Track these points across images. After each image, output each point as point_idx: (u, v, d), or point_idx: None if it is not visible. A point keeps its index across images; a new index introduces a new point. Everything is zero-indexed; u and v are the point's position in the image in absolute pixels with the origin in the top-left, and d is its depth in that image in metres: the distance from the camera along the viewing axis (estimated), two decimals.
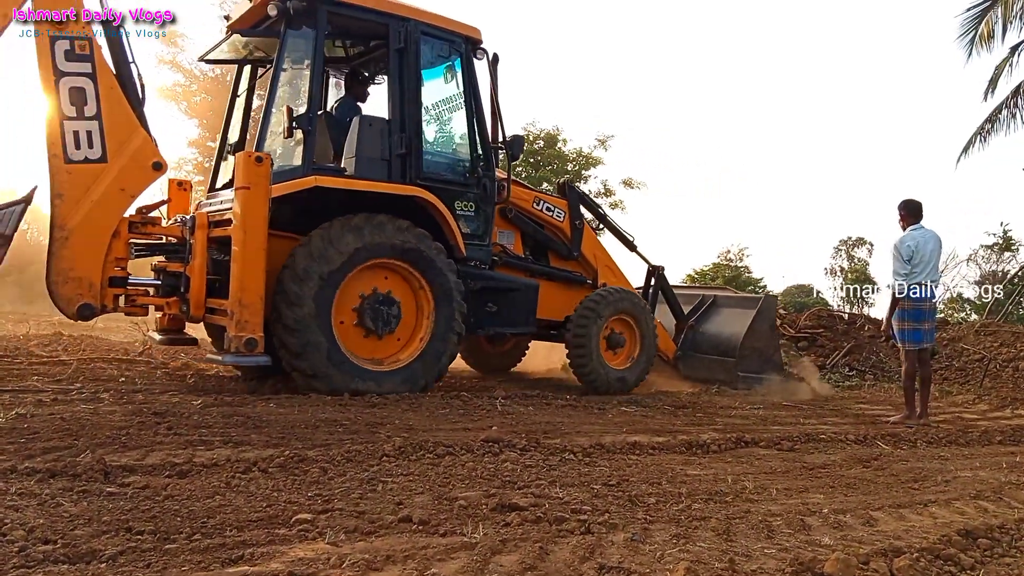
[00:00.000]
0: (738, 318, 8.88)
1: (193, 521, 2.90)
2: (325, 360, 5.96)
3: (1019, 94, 16.63)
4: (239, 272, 5.55)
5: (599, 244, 8.65)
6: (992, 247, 17.15)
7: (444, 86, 7.14)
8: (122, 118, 5.64)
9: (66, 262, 5.47)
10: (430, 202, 6.57)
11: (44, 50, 5.39)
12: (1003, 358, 10.24)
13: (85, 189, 5.51)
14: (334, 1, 6.28)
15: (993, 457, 5.46)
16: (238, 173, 5.59)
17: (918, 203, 7.19)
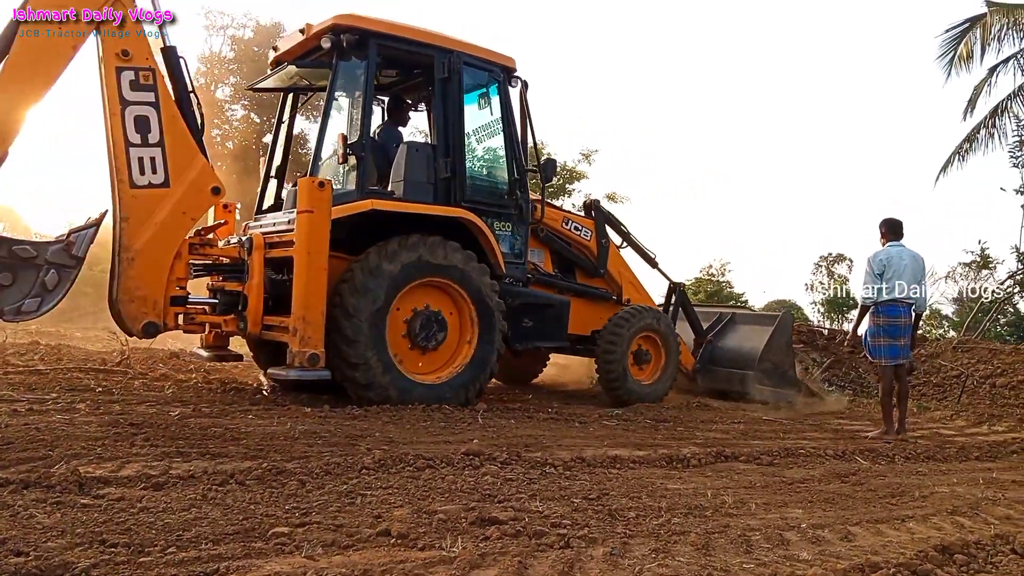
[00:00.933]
0: (756, 334, 9.21)
1: (168, 534, 2.87)
2: (380, 372, 6.20)
3: (997, 114, 16.87)
4: (303, 291, 5.83)
5: (623, 261, 8.94)
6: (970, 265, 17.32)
7: (482, 112, 7.45)
8: (183, 145, 5.91)
9: (132, 282, 5.72)
10: (474, 223, 6.88)
11: (111, 80, 5.64)
12: (980, 375, 10.34)
13: (149, 213, 5.77)
14: (384, 34, 6.62)
15: (970, 473, 5.51)
16: (302, 197, 5.86)
17: (898, 221, 7.30)
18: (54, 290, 5.37)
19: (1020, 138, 15.68)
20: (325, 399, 6.67)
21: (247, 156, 24.92)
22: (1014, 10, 15.89)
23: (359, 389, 6.23)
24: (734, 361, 9.20)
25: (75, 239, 5.45)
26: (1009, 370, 10.25)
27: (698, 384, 9.34)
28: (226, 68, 27.99)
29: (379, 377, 6.21)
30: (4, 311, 5.26)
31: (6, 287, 5.23)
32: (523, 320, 7.45)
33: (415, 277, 6.42)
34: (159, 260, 5.81)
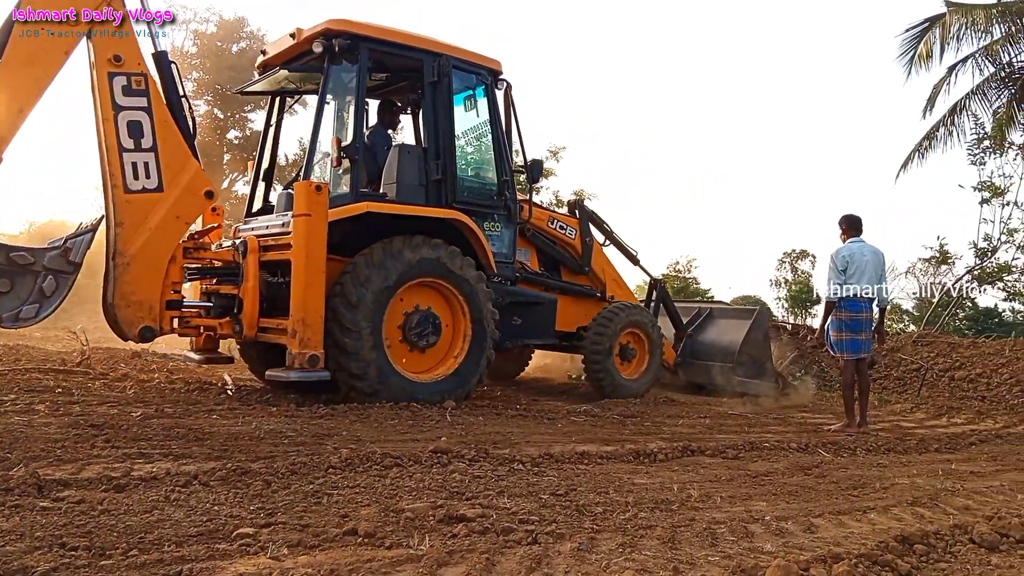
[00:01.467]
0: (735, 327, 9.48)
1: (130, 536, 2.82)
2: (374, 366, 6.29)
3: (956, 112, 17.18)
4: (302, 293, 5.88)
5: (607, 259, 9.14)
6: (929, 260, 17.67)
7: (470, 114, 7.56)
8: (176, 150, 5.94)
9: (128, 286, 5.76)
10: (466, 224, 7.01)
11: (103, 85, 5.67)
12: (939, 368, 10.55)
13: (144, 217, 5.81)
14: (374, 39, 6.70)
15: (930, 464, 5.62)
16: (299, 200, 5.90)
17: (857, 217, 7.44)
18: (52, 296, 5.38)
19: (978, 136, 16.01)
20: (292, 397, 6.62)
21: (211, 151, 24.57)
22: (972, 10, 16.20)
23: (352, 380, 6.28)
24: (713, 354, 9.45)
25: (72, 245, 5.45)
26: (967, 363, 10.48)
27: (679, 377, 9.61)
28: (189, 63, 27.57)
29: (372, 370, 6.28)
30: (3, 318, 5.25)
31: (4, 294, 5.23)
32: (512, 318, 7.58)
33: (412, 277, 6.54)
34: (154, 264, 5.83)
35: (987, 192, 15.52)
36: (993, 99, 17.04)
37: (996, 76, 16.95)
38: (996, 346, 10.87)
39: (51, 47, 5.48)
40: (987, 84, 17.04)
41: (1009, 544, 3.40)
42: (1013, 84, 16.78)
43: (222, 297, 6.47)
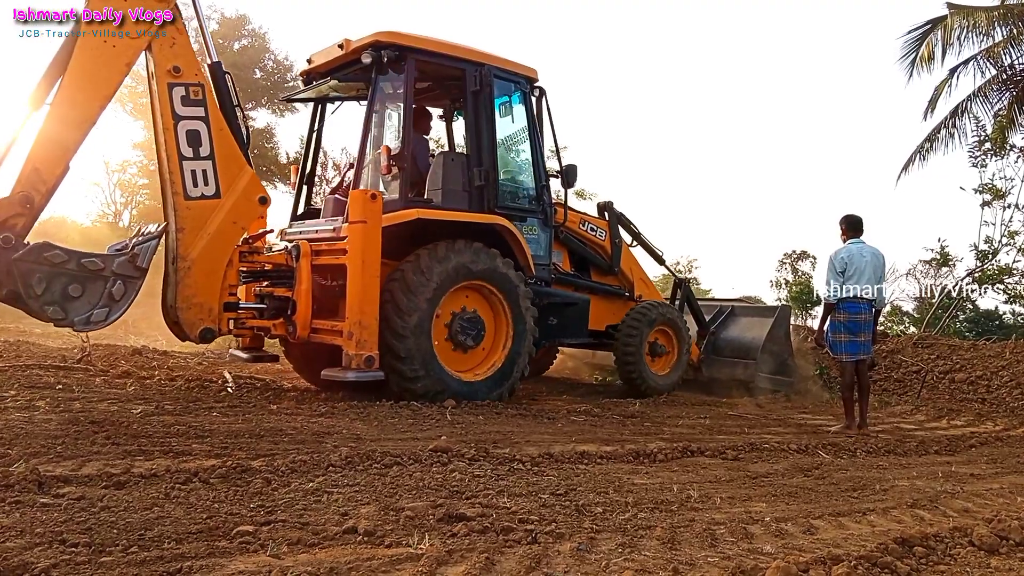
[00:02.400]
0: (757, 325, 9.76)
1: (130, 533, 2.82)
2: (424, 367, 6.50)
3: (957, 115, 17.16)
4: (358, 296, 6.16)
5: (634, 259, 9.39)
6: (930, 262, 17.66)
7: (508, 121, 7.76)
8: (232, 157, 6.15)
9: (189, 289, 5.96)
10: (508, 229, 7.25)
11: (163, 96, 5.88)
12: (940, 370, 10.54)
13: (203, 223, 6.01)
14: (421, 50, 6.92)
15: (929, 467, 5.62)
16: (355, 208, 6.21)
17: (858, 218, 7.42)
18: (120, 300, 5.54)
19: (979, 138, 15.97)
20: (293, 396, 6.62)
21: None
22: (974, 12, 16.19)
23: (404, 382, 6.47)
24: (737, 351, 9.70)
25: (139, 251, 5.63)
26: (968, 366, 10.47)
27: (703, 374, 9.79)
28: None
29: (423, 371, 6.48)
30: (75, 321, 5.40)
31: (76, 298, 5.39)
32: (548, 318, 7.79)
33: (460, 279, 6.77)
34: (214, 268, 6.05)
35: (988, 194, 15.49)
36: (994, 101, 17.02)
37: (997, 78, 16.93)
38: (996, 348, 10.85)
39: (113, 59, 5.63)
40: (988, 86, 17.02)
41: (1009, 547, 3.40)
42: (1015, 86, 16.76)
43: (276, 299, 6.68)
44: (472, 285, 6.92)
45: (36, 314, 5.41)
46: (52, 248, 5.35)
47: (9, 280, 5.21)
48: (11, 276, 5.21)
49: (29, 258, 5.24)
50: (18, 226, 5.29)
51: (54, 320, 5.39)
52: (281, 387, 7.12)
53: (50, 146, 5.42)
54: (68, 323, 5.42)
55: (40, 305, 5.29)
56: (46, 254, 5.29)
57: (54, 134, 5.43)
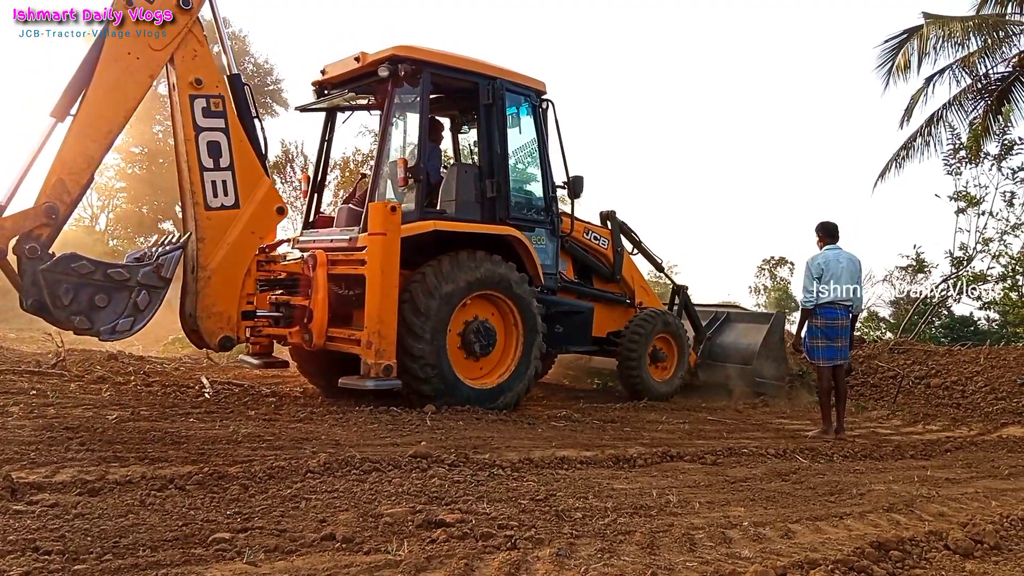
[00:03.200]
0: (753, 331, 10.06)
1: (104, 541, 2.79)
2: (437, 371, 6.60)
3: (933, 123, 17.36)
4: (377, 306, 6.26)
5: (635, 267, 9.56)
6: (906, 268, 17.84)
7: (518, 134, 7.89)
8: (250, 168, 6.22)
9: (209, 298, 6.03)
10: (519, 239, 7.39)
11: (185, 107, 5.97)
12: (915, 375, 10.64)
13: (223, 233, 6.09)
14: (436, 64, 7.05)
15: (906, 471, 5.67)
16: (375, 220, 6.32)
17: (833, 224, 7.50)
18: (145, 310, 5.57)
19: (954, 146, 16.18)
20: (271, 401, 6.58)
21: None
22: (949, 22, 16.40)
23: (415, 382, 6.54)
24: (733, 356, 9.97)
25: (163, 261, 5.68)
26: (943, 371, 10.58)
27: (699, 378, 9.99)
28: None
29: (436, 375, 6.58)
30: (100, 331, 5.42)
31: (102, 308, 5.41)
32: (554, 326, 7.88)
33: (476, 288, 6.89)
34: (233, 277, 6.12)
35: (963, 202, 15.68)
36: (969, 110, 17.25)
37: (972, 87, 17.17)
38: (971, 354, 10.97)
39: (137, 71, 5.71)
40: (963, 95, 17.25)
41: (983, 550, 3.44)
42: (989, 95, 17.00)
43: (292, 308, 6.77)
44: (486, 294, 7.06)
45: (61, 323, 5.43)
46: (80, 259, 5.40)
47: (35, 290, 5.25)
48: (37, 286, 5.24)
49: (57, 269, 5.28)
50: (43, 236, 5.35)
51: (80, 330, 5.42)
52: (259, 392, 7.06)
53: (75, 157, 5.49)
54: (94, 332, 5.44)
55: (67, 315, 5.31)
56: (74, 265, 5.33)
57: (79, 146, 5.51)
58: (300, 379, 8.41)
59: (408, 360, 6.45)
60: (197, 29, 6.01)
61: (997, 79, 17.03)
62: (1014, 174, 15.60)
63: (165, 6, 5.77)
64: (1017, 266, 15.15)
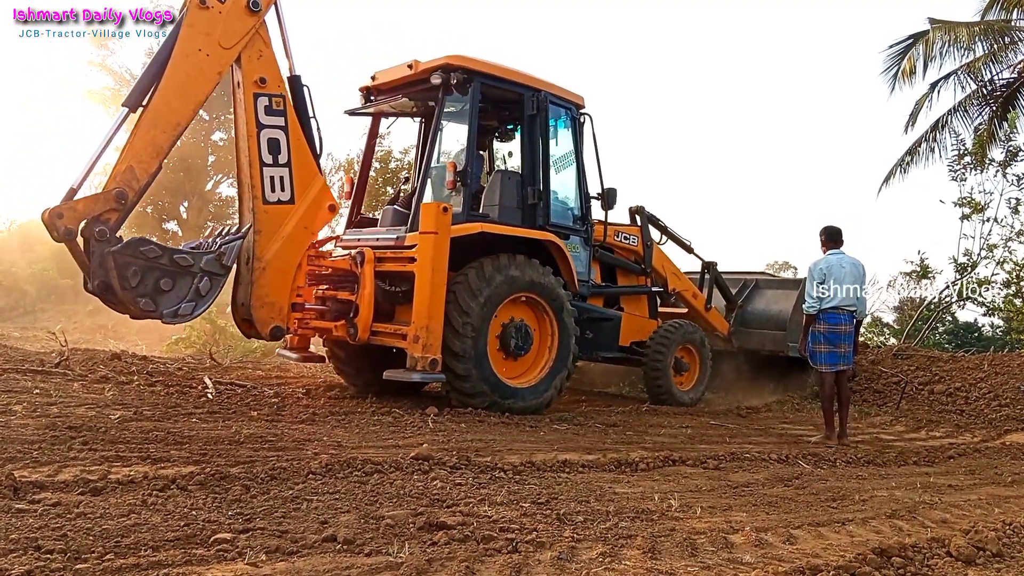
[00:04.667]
0: (783, 298, 10.42)
1: (106, 540, 2.79)
2: (478, 369, 6.78)
3: (938, 128, 17.36)
4: (426, 302, 6.45)
5: (665, 256, 9.81)
6: (910, 274, 17.78)
7: (556, 144, 8.07)
8: (306, 165, 6.53)
9: (263, 289, 6.32)
10: (557, 245, 7.65)
11: (249, 104, 6.27)
12: (919, 381, 10.60)
13: (278, 226, 6.39)
14: (487, 74, 7.31)
15: (908, 477, 5.66)
16: (428, 220, 6.54)
17: (837, 229, 7.49)
18: (206, 295, 5.86)
19: (959, 152, 16.15)
20: (273, 402, 6.58)
21: (195, 153, 24.45)
22: (955, 27, 16.40)
23: (455, 379, 6.74)
24: (765, 323, 10.37)
25: (226, 250, 5.96)
26: (946, 377, 10.55)
27: (732, 344, 10.41)
28: None
29: (475, 370, 6.75)
30: (164, 313, 5.71)
31: (166, 292, 5.70)
32: (585, 332, 8.08)
33: (516, 289, 7.10)
34: (285, 270, 6.42)
35: (968, 208, 15.65)
36: (974, 116, 17.24)
37: (978, 93, 17.15)
38: (975, 360, 10.94)
39: (207, 67, 6.02)
40: (969, 101, 17.23)
41: (985, 557, 3.44)
42: (994, 101, 16.98)
43: (339, 302, 7.01)
44: (525, 297, 7.25)
45: (126, 304, 5.65)
46: (148, 243, 5.71)
47: (102, 271, 5.50)
48: (104, 268, 5.49)
49: (127, 251, 5.54)
50: (112, 220, 5.59)
51: (144, 312, 5.66)
52: (262, 393, 7.07)
53: (145, 146, 5.77)
54: (157, 315, 5.70)
55: (133, 296, 5.55)
56: (142, 248, 5.62)
57: (148, 136, 5.78)
58: (303, 380, 8.43)
59: (447, 355, 6.61)
60: (263, 30, 6.28)
61: (1003, 85, 17.02)
62: (1019, 180, 15.57)
63: (236, 8, 6.05)
64: (1022, 272, 15.10)
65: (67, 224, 5.46)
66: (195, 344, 12.52)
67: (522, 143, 7.84)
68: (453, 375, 6.70)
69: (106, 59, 23.31)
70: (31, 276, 21.33)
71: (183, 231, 25.27)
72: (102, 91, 23.33)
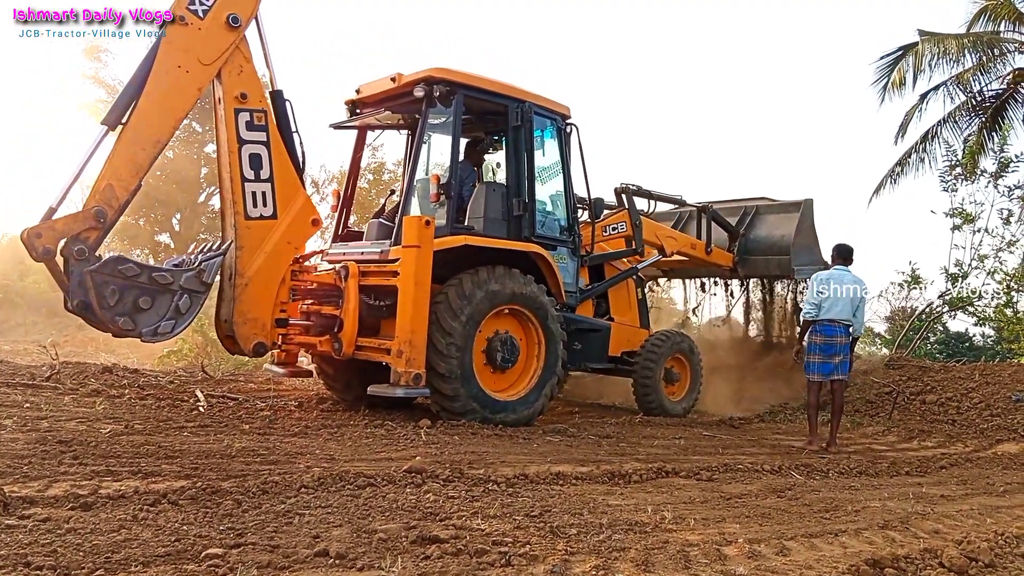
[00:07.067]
0: (784, 222, 10.45)
1: (96, 556, 2.78)
2: (464, 386, 6.73)
3: (928, 139, 17.47)
4: (409, 317, 6.43)
5: (655, 223, 9.92)
6: (901, 284, 17.85)
7: (542, 155, 8.10)
8: (289, 180, 6.51)
9: (246, 305, 6.29)
10: (543, 257, 7.61)
11: (230, 120, 6.25)
12: (911, 391, 10.63)
13: (260, 242, 6.36)
14: (469, 86, 7.29)
15: (901, 488, 5.67)
16: (410, 234, 6.51)
17: (849, 248, 7.74)
18: (186, 313, 5.81)
19: (950, 163, 16.23)
20: (265, 415, 6.56)
21: (187, 165, 24.44)
22: (944, 39, 16.53)
23: (444, 400, 6.73)
24: (768, 249, 10.45)
25: (206, 267, 5.92)
26: (938, 387, 10.58)
27: (739, 273, 10.78)
28: None
29: (463, 389, 6.72)
30: (143, 332, 5.65)
31: (145, 310, 5.65)
32: (573, 343, 8.10)
33: (500, 303, 7.04)
34: (268, 286, 6.39)
35: (959, 219, 15.71)
36: (964, 127, 17.35)
37: (967, 104, 17.28)
38: (966, 370, 10.98)
39: (187, 84, 6.00)
40: (958, 112, 17.36)
41: (978, 568, 3.44)
42: (984, 112, 17.10)
43: (323, 317, 6.94)
44: (510, 309, 7.20)
45: (104, 324, 5.60)
46: (126, 261, 5.65)
47: (81, 291, 5.46)
48: (83, 287, 5.45)
49: (105, 270, 5.49)
50: (91, 239, 5.57)
51: (123, 331, 5.61)
52: (254, 406, 7.04)
53: (124, 164, 5.74)
54: (136, 334, 5.63)
55: (112, 316, 5.50)
56: (121, 267, 5.56)
57: (128, 153, 5.76)
58: (295, 393, 8.41)
59: (433, 376, 6.59)
60: (244, 46, 6.27)
61: (992, 96, 17.15)
62: (1010, 191, 15.66)
63: (215, 24, 6.04)
64: (1012, 283, 15.17)
65: (46, 244, 5.43)
66: (187, 357, 12.48)
67: (507, 154, 7.87)
68: (441, 396, 6.69)
69: (98, 72, 23.30)
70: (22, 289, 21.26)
71: (176, 243, 25.23)
72: (95, 103, 23.31)
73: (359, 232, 8.35)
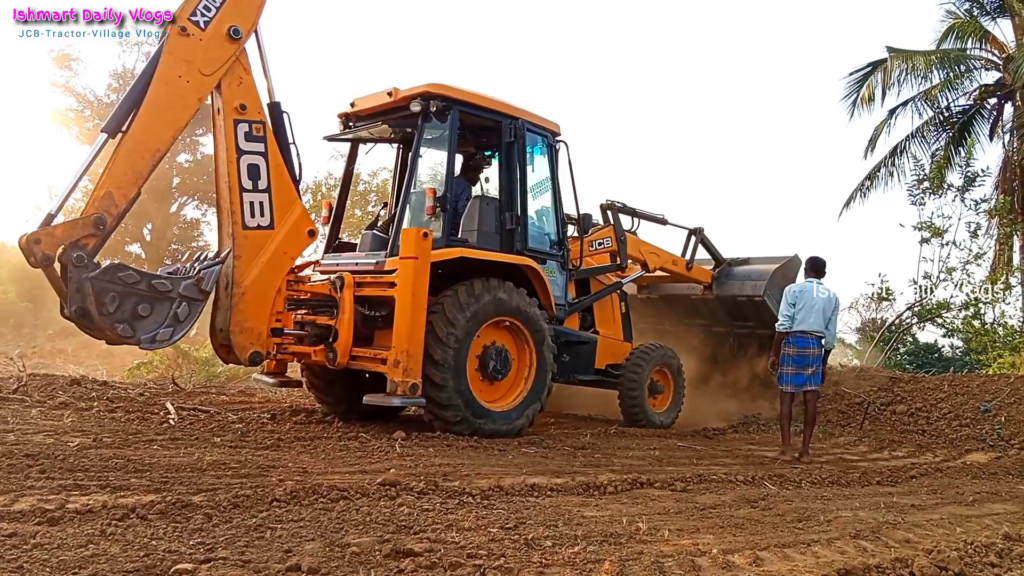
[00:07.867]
0: (770, 263, 10.86)
1: (63, 572, 2.73)
2: (458, 396, 6.79)
3: (896, 154, 17.80)
4: (407, 327, 6.48)
5: (639, 240, 9.95)
6: (872, 296, 18.10)
7: (533, 171, 8.21)
8: (286, 191, 6.57)
9: (242, 314, 6.30)
10: (535, 270, 7.75)
11: (229, 131, 6.30)
12: (881, 402, 10.75)
13: (257, 252, 6.39)
14: (465, 102, 7.40)
15: (872, 497, 5.73)
16: (408, 245, 6.60)
17: (822, 261, 7.90)
18: (184, 321, 5.83)
19: (918, 177, 16.53)
20: (237, 428, 6.49)
21: (160, 176, 24.20)
22: (912, 56, 16.87)
23: (438, 409, 6.78)
24: (746, 276, 10.85)
25: (204, 275, 5.96)
26: (908, 398, 10.71)
27: (712, 292, 10.94)
28: None
29: (458, 400, 6.78)
30: (141, 340, 5.66)
31: (144, 318, 5.66)
32: (561, 355, 8.14)
33: (494, 314, 7.14)
34: (265, 295, 6.41)
35: (927, 232, 16.00)
36: (931, 141, 17.69)
37: (934, 120, 17.62)
38: (935, 381, 11.12)
39: (187, 94, 6.05)
40: (926, 127, 17.69)
41: None
42: (951, 128, 17.44)
43: (318, 327, 6.97)
44: (502, 321, 7.29)
45: (102, 331, 5.60)
46: (126, 269, 5.68)
47: (79, 297, 5.47)
48: (82, 293, 5.45)
49: (104, 277, 5.51)
50: (90, 246, 5.58)
51: (122, 338, 5.60)
52: (226, 419, 6.96)
53: (124, 172, 5.78)
54: (135, 341, 5.65)
55: (111, 322, 5.51)
56: (120, 274, 5.59)
57: (127, 161, 5.80)
58: (268, 405, 8.32)
59: (429, 386, 6.63)
60: (243, 57, 6.33)
61: (959, 112, 17.49)
62: (977, 205, 15.97)
63: (216, 35, 6.09)
64: (979, 295, 15.44)
65: (45, 250, 5.43)
66: (157, 369, 12.33)
67: (499, 169, 7.96)
68: (431, 401, 6.72)
69: (69, 80, 23.06)
70: None
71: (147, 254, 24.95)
72: (65, 112, 23.06)
73: (351, 243, 8.45)
